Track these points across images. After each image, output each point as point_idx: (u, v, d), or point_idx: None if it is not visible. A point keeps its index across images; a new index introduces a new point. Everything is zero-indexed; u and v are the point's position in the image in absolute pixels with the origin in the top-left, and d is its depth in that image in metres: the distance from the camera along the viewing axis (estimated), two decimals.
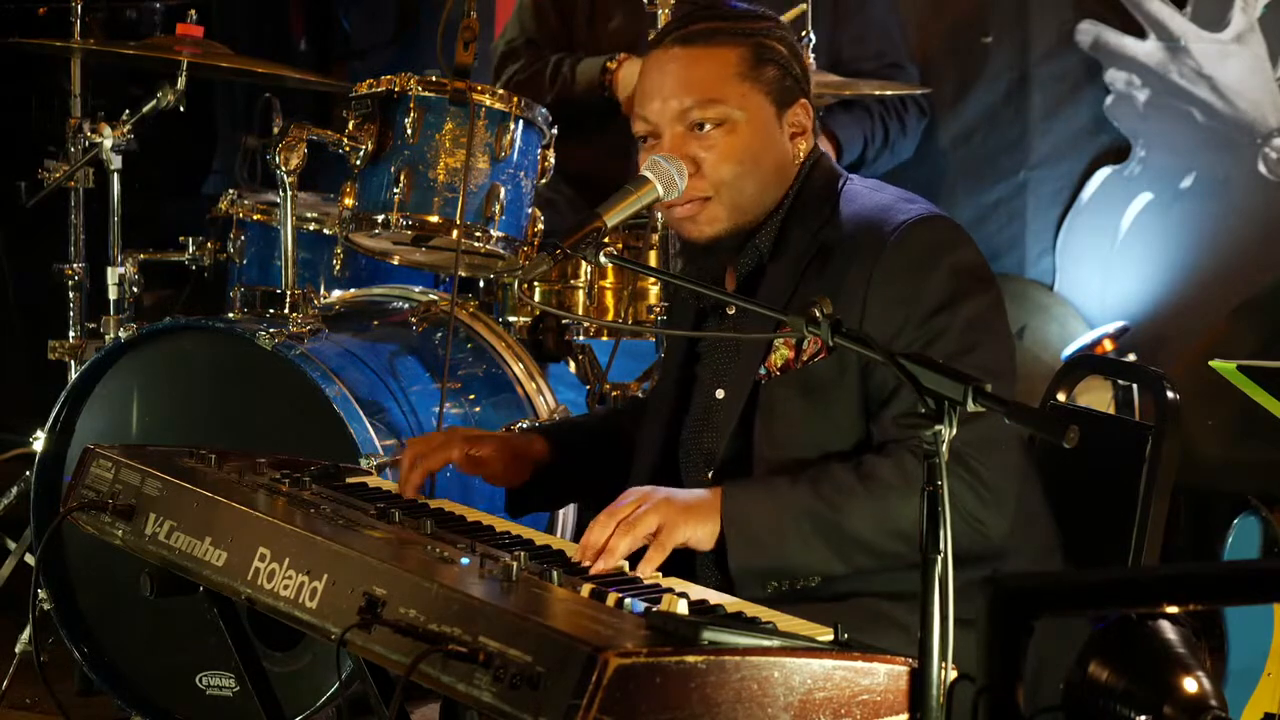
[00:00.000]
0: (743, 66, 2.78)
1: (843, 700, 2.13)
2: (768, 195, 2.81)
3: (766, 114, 2.79)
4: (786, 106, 2.81)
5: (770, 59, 2.80)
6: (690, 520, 2.62)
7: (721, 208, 2.80)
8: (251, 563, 2.54)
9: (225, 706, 3.85)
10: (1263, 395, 3.05)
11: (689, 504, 2.64)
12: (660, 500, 2.62)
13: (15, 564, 4.51)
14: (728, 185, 2.78)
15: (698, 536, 2.63)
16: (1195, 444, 4.73)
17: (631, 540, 2.57)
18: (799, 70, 2.83)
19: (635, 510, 2.60)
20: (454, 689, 2.13)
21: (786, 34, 2.86)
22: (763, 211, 2.81)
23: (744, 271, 2.83)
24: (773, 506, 2.63)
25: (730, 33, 2.80)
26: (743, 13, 2.86)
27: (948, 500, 2.14)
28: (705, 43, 2.79)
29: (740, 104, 2.77)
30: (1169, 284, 5.12)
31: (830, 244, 2.75)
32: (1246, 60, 5.03)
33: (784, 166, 2.82)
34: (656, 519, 2.59)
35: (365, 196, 3.93)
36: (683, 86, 2.79)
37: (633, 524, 2.58)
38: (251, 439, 3.78)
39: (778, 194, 2.81)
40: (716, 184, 2.78)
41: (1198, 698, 2.22)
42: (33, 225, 5.31)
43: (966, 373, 2.21)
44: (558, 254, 2.71)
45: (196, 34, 4.45)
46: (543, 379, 4.21)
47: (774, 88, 2.79)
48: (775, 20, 2.87)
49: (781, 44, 2.82)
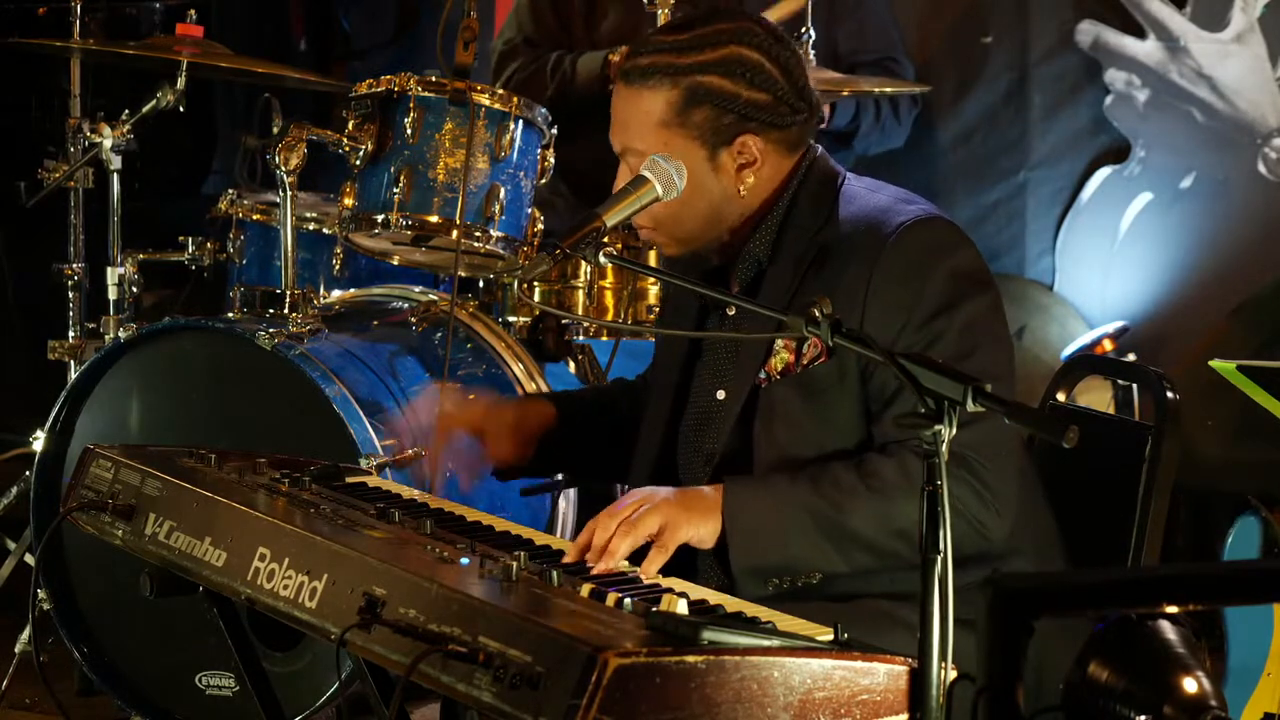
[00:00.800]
0: (667, 114, 2.75)
1: (842, 700, 2.13)
2: (715, 226, 2.81)
3: (694, 159, 2.75)
4: (724, 145, 2.76)
5: (704, 100, 2.74)
6: (692, 519, 2.62)
7: (667, 237, 2.84)
8: (251, 563, 2.54)
9: (225, 706, 3.85)
10: (1263, 395, 3.05)
11: (691, 503, 2.64)
12: (662, 501, 2.62)
13: (15, 564, 4.51)
14: (664, 224, 2.81)
15: (699, 535, 2.63)
16: (1195, 444, 4.73)
17: (633, 541, 2.57)
18: (750, 98, 2.75)
19: (637, 511, 2.60)
20: (454, 689, 2.13)
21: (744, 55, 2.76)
22: (716, 235, 2.81)
23: (744, 278, 2.83)
24: (773, 503, 2.63)
25: (666, 71, 2.75)
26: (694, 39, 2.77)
27: (949, 501, 2.14)
28: (639, 83, 2.77)
29: (661, 152, 2.74)
30: (1169, 284, 5.13)
31: (829, 246, 2.75)
32: (1246, 60, 5.03)
33: (725, 203, 2.79)
34: (658, 519, 2.59)
35: (365, 196, 3.93)
36: (619, 127, 2.81)
37: (634, 525, 2.58)
38: (251, 439, 3.78)
39: (730, 220, 2.80)
40: (655, 220, 2.80)
41: (1198, 698, 2.22)
42: (33, 225, 5.30)
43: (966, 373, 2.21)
44: (558, 254, 2.71)
45: (196, 34, 4.45)
46: (543, 379, 4.21)
47: (704, 131, 2.75)
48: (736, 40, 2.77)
49: (726, 75, 2.74)
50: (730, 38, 2.77)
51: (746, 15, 2.86)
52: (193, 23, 4.46)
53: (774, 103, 2.76)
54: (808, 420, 2.70)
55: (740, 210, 2.80)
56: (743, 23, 2.80)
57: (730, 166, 2.78)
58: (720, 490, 2.65)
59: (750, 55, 2.76)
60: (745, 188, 2.79)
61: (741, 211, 2.80)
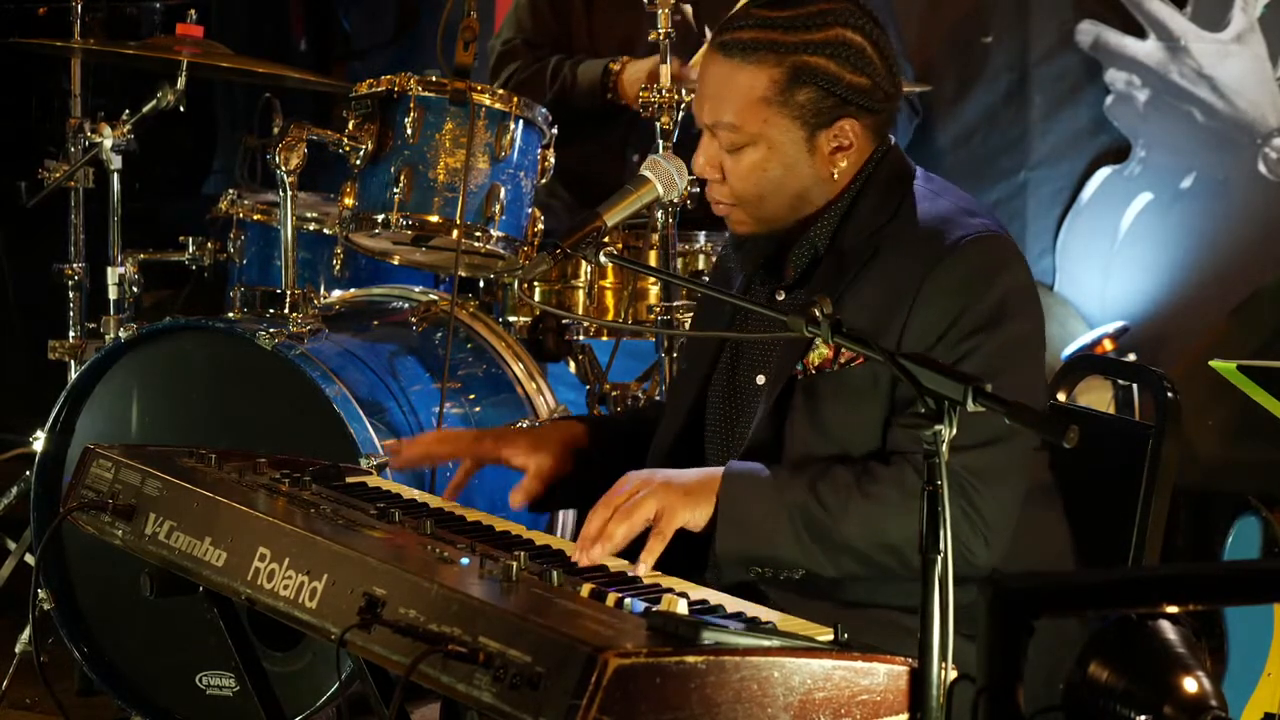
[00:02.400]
0: (771, 91, 2.70)
1: (842, 700, 2.13)
2: (799, 209, 2.77)
3: (793, 139, 2.72)
4: (823, 127, 2.72)
5: (807, 80, 2.70)
6: (688, 504, 2.62)
7: (746, 215, 2.79)
8: (251, 563, 2.54)
9: (225, 706, 3.85)
10: (1263, 395, 3.05)
11: (687, 487, 2.63)
12: (659, 485, 2.61)
13: (15, 564, 4.51)
14: (747, 201, 2.76)
15: (695, 519, 2.62)
16: (1195, 444, 4.74)
17: (629, 527, 2.56)
18: (852, 82, 2.71)
19: (633, 496, 2.59)
20: (454, 689, 2.13)
21: (849, 38, 2.72)
22: (798, 219, 2.77)
23: (799, 264, 2.79)
24: (767, 498, 2.62)
25: (772, 47, 2.70)
26: (799, 18, 2.72)
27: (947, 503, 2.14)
28: (741, 57, 2.71)
29: (760, 129, 2.71)
30: (1169, 284, 5.13)
31: (887, 245, 2.71)
32: (1246, 60, 5.03)
33: (815, 185, 2.76)
34: (655, 504, 2.59)
35: (365, 196, 3.93)
36: (712, 100, 2.75)
37: (630, 511, 2.57)
38: (251, 439, 3.78)
39: (817, 200, 2.77)
40: (737, 196, 2.77)
41: (1198, 698, 2.22)
42: (33, 225, 5.31)
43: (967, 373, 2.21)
44: (558, 254, 2.71)
45: (196, 34, 4.45)
46: (543, 379, 4.21)
47: (806, 111, 2.70)
48: (840, 21, 2.73)
49: (833, 58, 2.69)
50: (835, 19, 2.72)
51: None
52: (193, 23, 4.46)
53: (872, 88, 2.73)
54: (835, 420, 2.68)
55: (825, 194, 2.77)
56: (844, 3, 2.75)
57: (825, 149, 2.74)
58: (718, 476, 2.65)
59: (854, 38, 2.72)
60: (838, 171, 2.75)
61: (825, 195, 2.77)
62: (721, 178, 2.77)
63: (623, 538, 2.56)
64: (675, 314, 4.05)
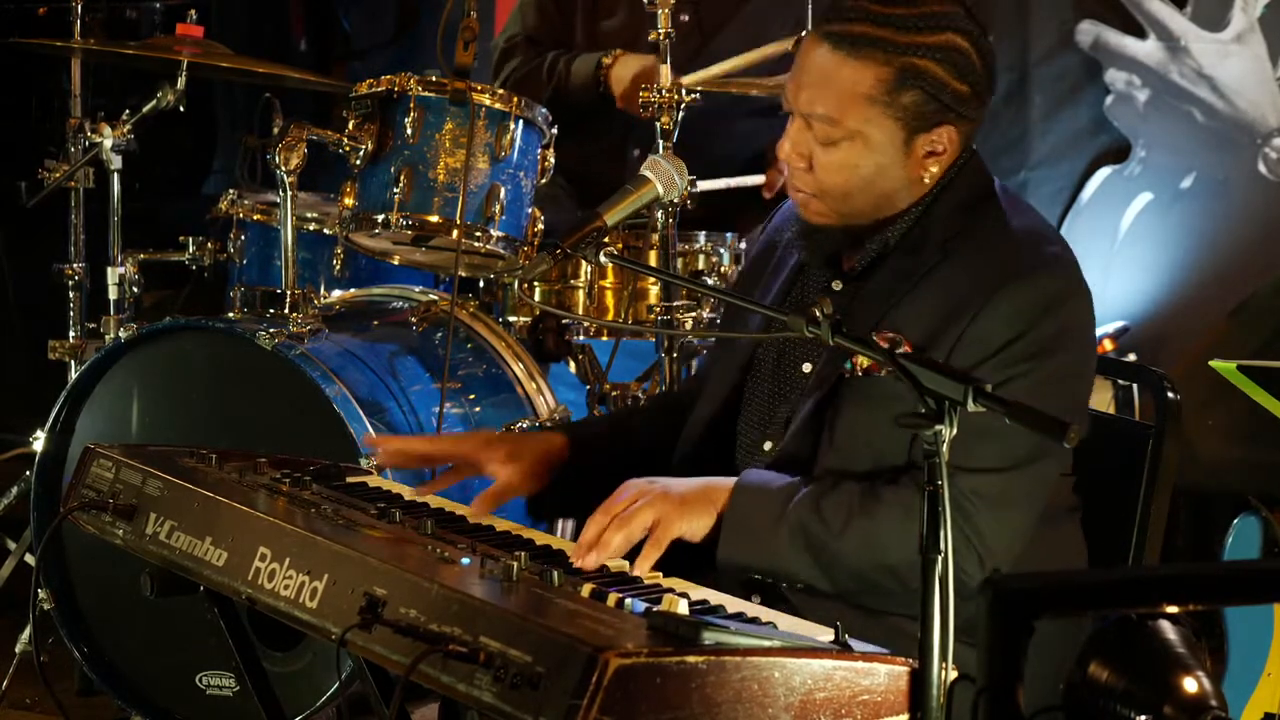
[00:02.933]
0: (877, 89, 2.65)
1: (843, 700, 2.13)
2: (882, 209, 2.73)
3: (891, 140, 2.68)
4: (923, 131, 2.68)
5: (914, 83, 2.64)
6: (686, 514, 2.62)
7: (827, 208, 2.75)
8: (252, 562, 2.54)
9: (225, 706, 3.85)
10: (1263, 395, 3.05)
11: (685, 497, 2.63)
12: (657, 495, 2.61)
13: (15, 564, 4.51)
14: (832, 195, 2.73)
15: (692, 530, 2.62)
16: (1195, 444, 4.74)
17: (626, 536, 2.56)
18: (956, 89, 2.67)
19: (631, 505, 2.59)
20: (454, 689, 2.13)
21: (958, 43, 2.67)
22: (876, 218, 2.74)
23: (866, 258, 2.75)
24: (773, 509, 2.62)
25: (882, 45, 2.64)
26: (912, 18, 2.67)
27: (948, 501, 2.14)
28: (850, 51, 2.65)
29: (861, 127, 2.66)
30: (1169, 284, 5.13)
31: (955, 258, 2.69)
32: (1246, 60, 5.03)
33: (904, 188, 2.72)
34: (652, 514, 2.59)
35: (365, 196, 3.93)
36: (812, 89, 2.69)
37: (628, 519, 2.57)
38: (251, 439, 3.78)
39: (901, 203, 2.73)
40: (822, 189, 2.73)
41: (1198, 698, 2.22)
42: (33, 225, 5.31)
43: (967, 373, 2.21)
44: (558, 254, 2.70)
45: (196, 34, 4.45)
46: (543, 379, 4.21)
47: (909, 114, 2.66)
48: (952, 26, 2.68)
49: (941, 63, 2.65)
50: (948, 23, 2.67)
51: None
52: (193, 23, 4.46)
53: (972, 96, 2.70)
54: (873, 425, 2.65)
55: (910, 197, 2.73)
56: (954, 7, 2.71)
57: (920, 153, 2.70)
58: (720, 487, 2.65)
59: (963, 44, 2.67)
60: (929, 176, 2.72)
61: (910, 198, 2.73)
62: (807, 167, 2.72)
63: (619, 546, 2.56)
64: (675, 314, 4.05)
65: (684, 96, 4.02)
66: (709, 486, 2.66)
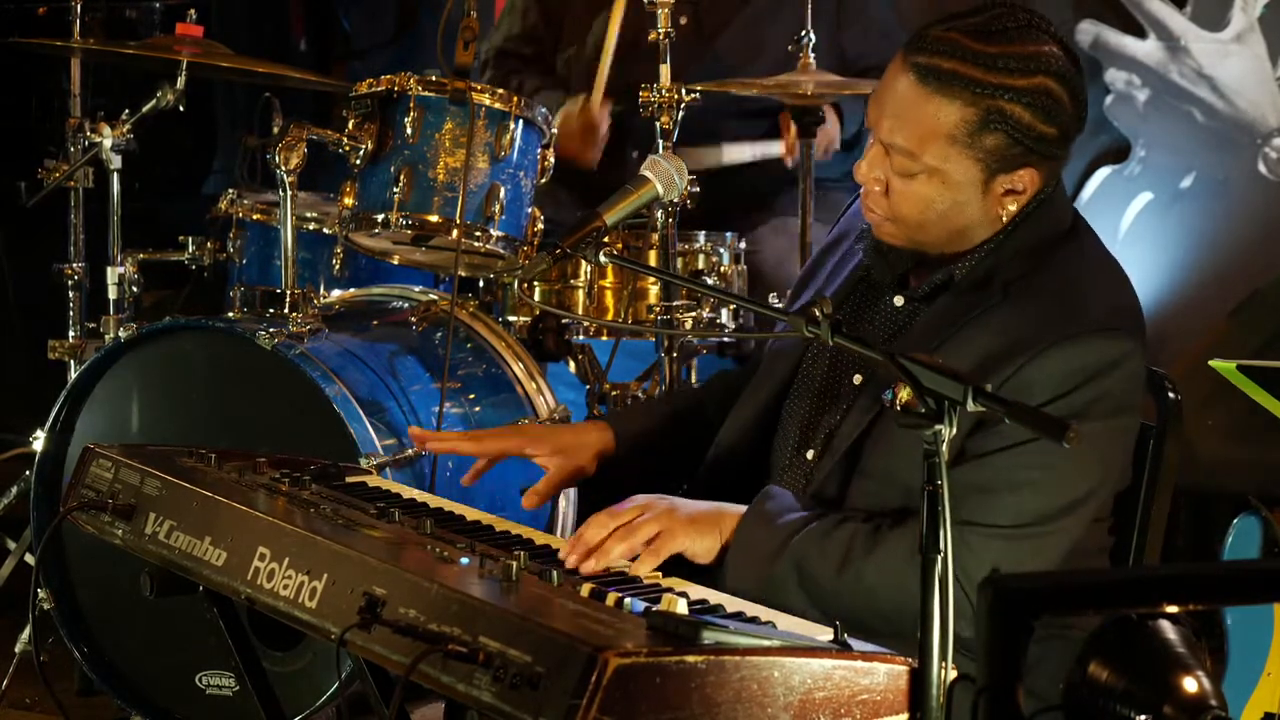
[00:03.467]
0: (959, 130, 2.60)
1: (842, 700, 2.13)
2: (955, 243, 2.70)
3: (969, 179, 2.63)
4: (1003, 173, 2.63)
5: (998, 126, 2.59)
6: (690, 533, 2.62)
7: (900, 232, 2.72)
8: (251, 562, 2.54)
9: (225, 706, 3.85)
10: (1263, 395, 3.05)
11: (693, 517, 2.63)
12: (663, 510, 2.62)
13: (15, 564, 4.51)
14: (905, 223, 2.69)
15: (695, 549, 2.62)
16: (1195, 444, 4.73)
17: (628, 546, 2.56)
18: (1043, 132, 2.61)
19: (637, 517, 2.60)
20: (454, 689, 2.13)
21: (1050, 87, 2.61)
22: (948, 250, 2.70)
23: (930, 284, 2.72)
24: (773, 550, 2.61)
25: (970, 85, 2.58)
26: (1005, 57, 2.60)
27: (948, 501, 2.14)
28: (935, 86, 2.60)
29: (939, 164, 2.62)
30: (1169, 284, 5.12)
31: (1018, 298, 2.65)
32: (1246, 60, 5.03)
33: (980, 225, 2.68)
34: (656, 528, 2.59)
35: (365, 196, 3.93)
36: (894, 120, 2.64)
37: (632, 530, 2.58)
38: (251, 439, 3.77)
39: (974, 239, 2.69)
40: (896, 216, 2.69)
41: (1198, 698, 2.22)
42: (33, 225, 5.31)
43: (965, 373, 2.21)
44: (557, 253, 2.71)
45: (196, 34, 4.45)
46: (543, 379, 4.21)
47: (990, 156, 2.61)
48: (1045, 69, 2.61)
49: (1030, 107, 2.59)
50: (1041, 66, 2.61)
51: (1050, 30, 2.68)
52: (193, 23, 4.46)
53: (1059, 137, 2.64)
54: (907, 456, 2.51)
55: (985, 234, 2.69)
56: (1052, 46, 2.64)
57: (998, 191, 2.65)
58: (727, 514, 2.65)
59: (1055, 88, 2.61)
60: (1006, 214, 2.67)
61: (985, 234, 2.69)
62: (884, 191, 2.69)
63: (618, 556, 2.56)
64: (675, 314, 4.05)
65: (684, 96, 4.02)
66: (720, 511, 2.66)
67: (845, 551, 2.59)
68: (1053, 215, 2.72)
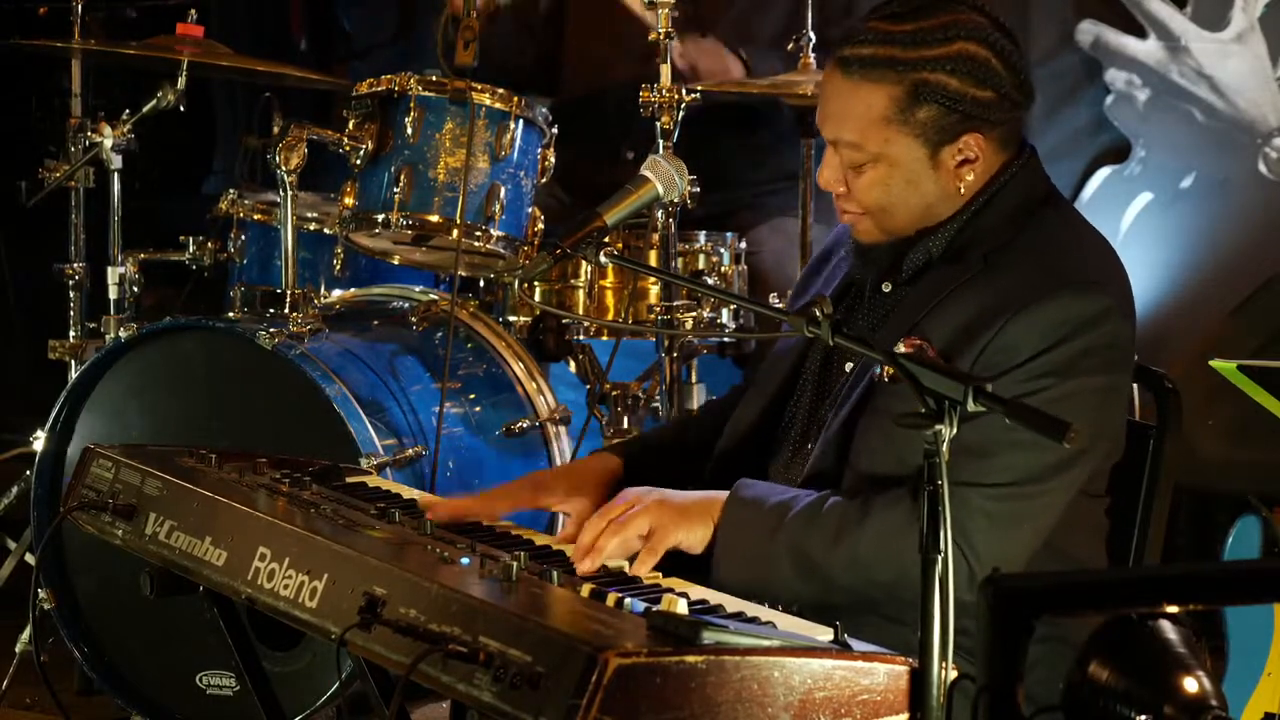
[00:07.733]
0: (892, 110, 2.65)
1: (843, 700, 2.13)
2: (925, 221, 2.73)
3: (915, 156, 2.68)
4: (946, 143, 2.67)
5: (928, 98, 2.64)
6: (683, 524, 2.62)
7: (873, 225, 2.75)
8: (251, 562, 2.54)
9: (225, 706, 3.86)
10: (1263, 395, 3.05)
11: (683, 507, 2.63)
12: (653, 503, 2.62)
13: (15, 564, 4.51)
14: (874, 211, 2.73)
15: (689, 541, 2.62)
16: (1195, 444, 4.73)
17: (621, 541, 2.57)
18: (976, 96, 2.65)
19: (627, 511, 2.60)
20: (454, 689, 2.13)
21: (971, 51, 2.66)
22: (923, 226, 2.73)
23: (911, 267, 2.75)
24: (763, 532, 2.61)
25: (891, 64, 2.65)
26: (919, 32, 2.66)
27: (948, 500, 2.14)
28: (860, 75, 2.66)
29: (882, 149, 2.67)
30: (1169, 284, 5.12)
31: (995, 269, 2.67)
32: (1246, 60, 5.03)
33: (941, 200, 2.72)
34: (648, 522, 2.59)
35: (365, 196, 3.93)
36: (834, 118, 2.71)
37: (624, 525, 2.58)
38: (251, 439, 3.78)
39: (944, 213, 2.73)
40: (864, 207, 2.73)
41: (1198, 698, 2.22)
42: (33, 225, 5.30)
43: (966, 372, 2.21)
44: (558, 253, 2.71)
45: (196, 34, 4.45)
46: (543, 379, 4.21)
47: (928, 129, 2.66)
48: (962, 35, 2.66)
49: (954, 74, 2.64)
50: (957, 33, 2.66)
51: (968, 2, 2.73)
52: (193, 23, 4.46)
53: (998, 100, 2.68)
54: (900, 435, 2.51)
55: (951, 207, 2.72)
56: (968, 15, 2.69)
57: (950, 164, 2.69)
58: (717, 503, 2.65)
59: (978, 51, 2.66)
60: (964, 185, 2.71)
61: (952, 208, 2.73)
62: (846, 191, 2.74)
63: (614, 551, 2.57)
64: (675, 314, 4.05)
65: (684, 95, 4.02)
66: (709, 500, 2.66)
67: (838, 526, 2.59)
68: (1028, 183, 2.76)
